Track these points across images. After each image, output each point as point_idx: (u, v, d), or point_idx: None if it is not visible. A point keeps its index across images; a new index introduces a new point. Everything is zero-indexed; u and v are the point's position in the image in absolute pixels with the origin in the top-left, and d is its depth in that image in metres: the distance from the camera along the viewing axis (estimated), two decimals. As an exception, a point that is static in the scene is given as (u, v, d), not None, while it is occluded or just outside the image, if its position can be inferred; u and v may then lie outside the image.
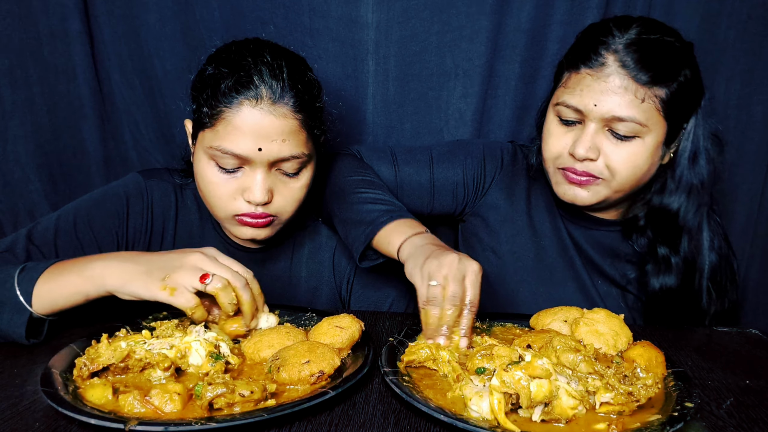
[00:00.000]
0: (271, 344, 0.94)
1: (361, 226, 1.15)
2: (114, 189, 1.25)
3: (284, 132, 1.09)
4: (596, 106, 1.13)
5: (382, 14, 1.48)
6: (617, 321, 1.01)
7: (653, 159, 1.19)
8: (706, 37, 1.51)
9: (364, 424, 0.79)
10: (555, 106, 1.22)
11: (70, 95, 1.56)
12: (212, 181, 1.13)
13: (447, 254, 0.97)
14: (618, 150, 1.16)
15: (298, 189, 1.17)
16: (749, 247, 1.61)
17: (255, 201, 1.11)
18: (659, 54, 1.13)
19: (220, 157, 1.10)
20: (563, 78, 1.22)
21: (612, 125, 1.14)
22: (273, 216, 1.16)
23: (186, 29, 1.54)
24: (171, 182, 1.29)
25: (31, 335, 0.98)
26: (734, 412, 0.85)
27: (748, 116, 1.55)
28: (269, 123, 1.08)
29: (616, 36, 1.14)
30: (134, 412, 0.76)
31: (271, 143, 1.08)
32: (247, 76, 1.08)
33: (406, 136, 1.58)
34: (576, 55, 1.19)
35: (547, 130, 1.24)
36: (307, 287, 1.33)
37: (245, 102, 1.07)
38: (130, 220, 1.23)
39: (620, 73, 1.12)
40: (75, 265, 0.98)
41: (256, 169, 1.11)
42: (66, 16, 1.50)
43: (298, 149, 1.12)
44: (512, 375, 0.77)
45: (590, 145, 1.16)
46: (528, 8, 1.48)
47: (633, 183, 1.20)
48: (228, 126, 1.08)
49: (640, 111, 1.12)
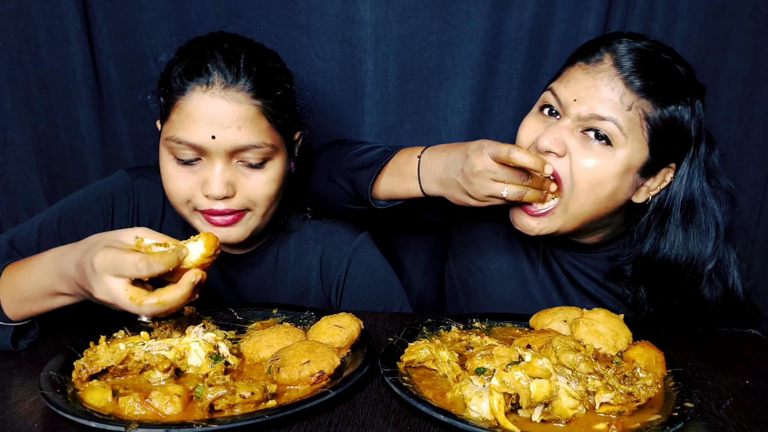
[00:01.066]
0: (271, 344, 0.94)
1: (365, 170, 1.16)
2: (99, 189, 1.22)
3: (239, 118, 1.04)
4: (576, 101, 1.07)
5: (380, 12, 1.47)
6: (617, 321, 1.01)
7: (620, 182, 1.07)
8: (707, 36, 1.50)
9: (364, 424, 0.79)
10: (543, 94, 1.16)
11: (70, 95, 1.55)
12: (171, 175, 1.09)
13: (467, 178, 1.03)
14: (585, 154, 1.06)
15: (264, 183, 1.10)
16: (750, 248, 1.61)
17: (212, 195, 1.06)
18: (661, 69, 1.07)
19: (176, 148, 1.06)
20: (560, 72, 1.18)
21: (589, 124, 1.06)
22: (239, 212, 1.10)
23: (182, 29, 1.53)
24: (158, 180, 1.25)
25: (19, 336, 0.98)
26: (734, 412, 0.85)
27: (750, 116, 1.55)
28: (222, 109, 1.03)
29: (624, 42, 1.09)
30: (134, 415, 0.76)
31: (225, 130, 1.03)
32: (198, 61, 1.05)
33: (405, 136, 1.58)
34: (576, 54, 1.16)
35: (522, 122, 1.18)
36: (294, 294, 1.30)
37: (196, 88, 1.04)
38: (115, 222, 1.21)
39: (612, 72, 1.06)
40: (34, 284, 0.94)
41: (214, 161, 1.06)
42: (64, 15, 1.49)
43: (257, 138, 1.06)
44: (512, 375, 0.77)
45: (557, 137, 1.07)
46: (530, 7, 1.47)
47: (591, 204, 1.08)
48: (181, 114, 1.05)
49: (623, 117, 1.04)
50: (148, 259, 0.82)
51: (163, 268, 0.83)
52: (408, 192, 1.14)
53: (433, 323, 1.07)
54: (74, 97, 1.56)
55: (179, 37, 1.46)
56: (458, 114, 1.56)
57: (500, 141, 1.56)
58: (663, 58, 1.09)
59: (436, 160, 1.11)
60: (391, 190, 1.15)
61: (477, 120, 1.57)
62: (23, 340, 0.99)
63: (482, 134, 1.60)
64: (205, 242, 0.89)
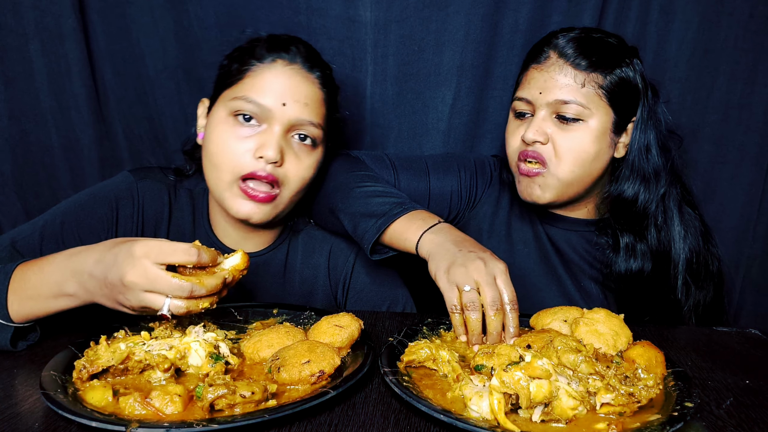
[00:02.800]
0: (271, 344, 0.94)
1: (371, 219, 1.15)
2: (103, 191, 1.22)
3: (309, 96, 1.16)
4: (541, 94, 1.24)
5: (380, 13, 1.48)
6: (617, 321, 1.01)
7: (600, 145, 1.25)
8: (706, 36, 1.51)
9: (364, 424, 0.79)
10: (512, 106, 1.33)
11: (66, 94, 1.54)
12: (228, 137, 1.14)
13: (472, 260, 0.98)
14: (565, 135, 1.24)
15: (306, 167, 1.19)
16: (749, 247, 1.61)
17: (267, 157, 1.12)
18: (597, 46, 1.25)
19: (243, 107, 1.13)
20: (519, 82, 1.33)
21: (558, 110, 1.23)
22: (276, 190, 1.15)
23: (179, 28, 1.53)
24: (164, 182, 1.26)
25: (19, 337, 0.98)
26: (734, 412, 0.85)
27: (749, 115, 1.55)
28: (298, 83, 1.15)
29: (560, 36, 1.27)
30: (135, 414, 0.76)
31: (295, 102, 1.14)
32: (286, 42, 1.19)
33: (403, 136, 1.58)
34: (527, 59, 1.32)
35: (507, 132, 1.34)
36: (301, 292, 1.31)
37: (279, 61, 1.16)
38: (120, 225, 1.21)
39: (560, 62, 1.24)
40: (43, 281, 0.94)
41: (274, 128, 1.14)
42: (60, 13, 1.48)
43: (317, 118, 1.17)
44: (512, 375, 0.77)
45: (538, 128, 1.24)
46: (525, 9, 1.48)
47: (582, 171, 1.25)
48: (256, 78, 1.15)
49: (581, 94, 1.22)
50: (198, 246, 0.89)
51: (207, 259, 0.89)
52: (405, 248, 1.12)
53: (433, 323, 1.08)
54: (70, 96, 1.55)
55: (176, 37, 1.45)
56: (456, 115, 1.57)
57: (495, 141, 1.59)
58: (595, 38, 1.26)
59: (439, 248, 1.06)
60: (390, 241, 1.14)
61: (473, 121, 1.58)
62: (23, 342, 0.99)
63: (478, 134, 1.61)
64: (241, 256, 0.96)
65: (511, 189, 1.40)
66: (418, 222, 1.11)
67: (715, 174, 1.59)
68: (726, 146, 1.58)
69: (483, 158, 1.47)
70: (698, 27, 1.50)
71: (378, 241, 1.15)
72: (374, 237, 1.13)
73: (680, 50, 1.53)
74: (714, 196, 1.60)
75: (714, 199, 1.60)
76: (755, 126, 1.55)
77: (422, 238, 1.08)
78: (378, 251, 1.16)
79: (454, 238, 1.05)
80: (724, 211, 1.60)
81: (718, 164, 1.59)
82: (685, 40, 1.51)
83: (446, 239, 1.05)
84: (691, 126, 1.55)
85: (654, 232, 1.30)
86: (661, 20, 1.50)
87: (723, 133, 1.57)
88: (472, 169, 1.42)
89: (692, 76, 1.54)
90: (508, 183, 1.41)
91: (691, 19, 1.50)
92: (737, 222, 1.61)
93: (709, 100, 1.55)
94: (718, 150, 1.58)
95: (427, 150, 1.60)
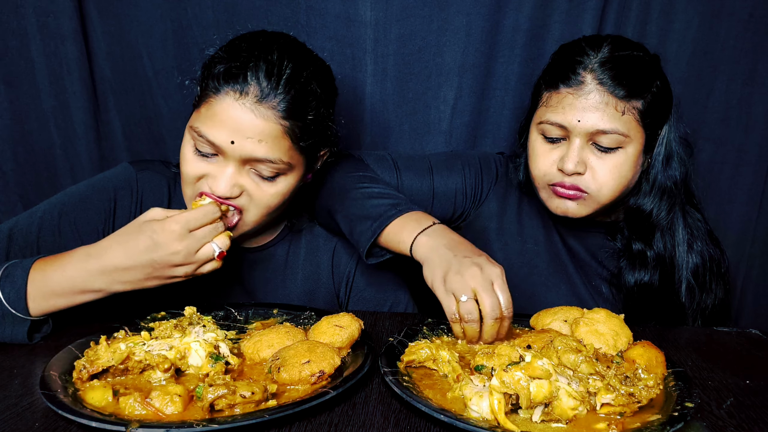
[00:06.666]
0: (271, 344, 0.94)
1: (367, 221, 1.14)
2: (102, 182, 1.21)
3: (262, 133, 1.05)
4: (580, 122, 1.18)
5: (380, 12, 1.47)
6: (617, 321, 1.01)
7: (636, 168, 1.24)
8: (706, 37, 1.51)
9: (364, 424, 0.79)
10: (539, 125, 1.26)
11: (66, 94, 1.54)
12: (187, 159, 1.10)
13: (468, 266, 0.97)
14: (603, 162, 1.21)
15: (270, 195, 1.11)
16: (749, 248, 1.61)
17: (216, 192, 1.08)
18: (632, 69, 1.20)
19: (197, 139, 1.08)
20: (543, 97, 1.26)
21: (596, 139, 1.19)
22: (236, 217, 1.10)
23: (178, 28, 1.52)
24: (165, 174, 1.25)
25: (34, 330, 1.00)
26: (734, 412, 0.85)
27: (749, 116, 1.55)
28: (248, 121, 1.04)
29: (591, 55, 1.21)
30: (135, 414, 0.76)
31: (245, 140, 1.04)
32: (240, 68, 1.05)
33: (404, 136, 1.58)
34: (554, 75, 1.24)
35: (532, 149, 1.28)
36: (304, 290, 1.31)
37: (230, 92, 1.04)
38: (117, 217, 1.20)
39: (599, 90, 1.18)
40: (67, 279, 0.98)
41: (228, 162, 1.07)
42: (61, 14, 1.48)
43: (275, 154, 1.06)
44: (512, 375, 0.77)
45: (578, 159, 1.20)
46: (526, 8, 1.48)
47: (619, 192, 1.24)
48: (210, 111, 1.06)
49: (622, 123, 1.18)
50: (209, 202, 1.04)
51: (221, 209, 1.05)
52: (400, 250, 1.12)
53: (433, 323, 1.08)
54: (70, 95, 1.54)
55: (174, 37, 1.44)
56: (457, 115, 1.57)
57: (497, 141, 1.59)
58: (630, 57, 1.21)
59: (433, 253, 1.06)
60: (386, 243, 1.14)
61: (474, 121, 1.58)
62: (37, 334, 1.02)
63: (479, 134, 1.60)
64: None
65: (519, 187, 1.39)
66: (412, 224, 1.09)
67: (715, 174, 1.59)
68: (726, 146, 1.57)
69: (488, 155, 1.45)
70: (698, 27, 1.50)
71: (375, 244, 1.14)
72: (369, 241, 1.12)
73: (680, 50, 1.53)
74: (714, 197, 1.59)
75: (714, 200, 1.59)
76: (755, 126, 1.55)
77: (416, 240, 1.06)
78: (375, 254, 1.15)
79: (448, 241, 1.04)
80: (724, 212, 1.60)
81: (718, 164, 1.58)
82: (685, 40, 1.51)
83: (440, 243, 1.04)
84: (691, 126, 1.55)
85: (659, 237, 1.29)
86: (661, 20, 1.50)
87: (723, 133, 1.57)
88: (477, 166, 1.40)
89: (692, 76, 1.54)
90: (516, 183, 1.39)
91: (691, 19, 1.49)
92: (737, 222, 1.61)
93: (709, 100, 1.55)
94: (718, 150, 1.58)
95: (428, 150, 1.60)
